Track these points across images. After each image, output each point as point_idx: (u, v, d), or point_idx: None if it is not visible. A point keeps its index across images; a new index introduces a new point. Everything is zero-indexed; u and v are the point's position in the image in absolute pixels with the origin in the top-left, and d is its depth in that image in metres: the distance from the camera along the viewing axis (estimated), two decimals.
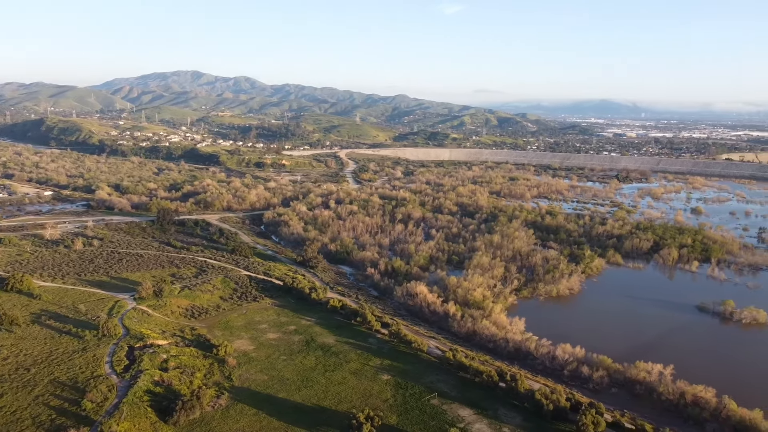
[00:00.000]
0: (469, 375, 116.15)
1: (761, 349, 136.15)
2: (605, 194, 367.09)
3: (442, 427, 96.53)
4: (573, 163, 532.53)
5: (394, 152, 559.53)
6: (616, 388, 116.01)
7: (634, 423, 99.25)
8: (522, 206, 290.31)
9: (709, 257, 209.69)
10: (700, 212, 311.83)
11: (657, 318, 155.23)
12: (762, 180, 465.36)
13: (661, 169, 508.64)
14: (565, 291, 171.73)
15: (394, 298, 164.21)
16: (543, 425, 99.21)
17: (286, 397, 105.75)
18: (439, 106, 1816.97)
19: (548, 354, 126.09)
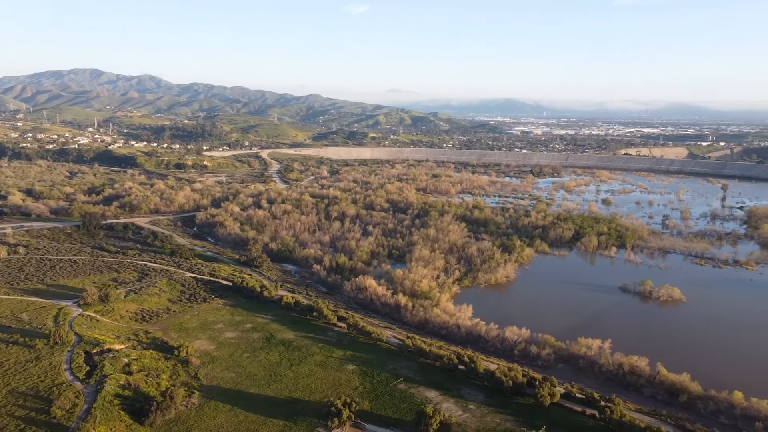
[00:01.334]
0: (429, 360, 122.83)
1: (679, 322, 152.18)
2: (523, 188, 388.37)
3: (414, 409, 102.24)
4: (489, 160, 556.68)
5: (317, 152, 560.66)
6: (562, 363, 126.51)
7: (583, 392, 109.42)
8: (450, 202, 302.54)
9: (624, 243, 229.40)
10: (609, 203, 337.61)
11: (587, 299, 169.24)
12: (659, 172, 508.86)
13: (570, 164, 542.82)
14: (502, 279, 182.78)
15: (343, 293, 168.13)
16: (504, 400, 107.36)
17: (258, 392, 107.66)
18: (352, 105, 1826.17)
19: (498, 337, 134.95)
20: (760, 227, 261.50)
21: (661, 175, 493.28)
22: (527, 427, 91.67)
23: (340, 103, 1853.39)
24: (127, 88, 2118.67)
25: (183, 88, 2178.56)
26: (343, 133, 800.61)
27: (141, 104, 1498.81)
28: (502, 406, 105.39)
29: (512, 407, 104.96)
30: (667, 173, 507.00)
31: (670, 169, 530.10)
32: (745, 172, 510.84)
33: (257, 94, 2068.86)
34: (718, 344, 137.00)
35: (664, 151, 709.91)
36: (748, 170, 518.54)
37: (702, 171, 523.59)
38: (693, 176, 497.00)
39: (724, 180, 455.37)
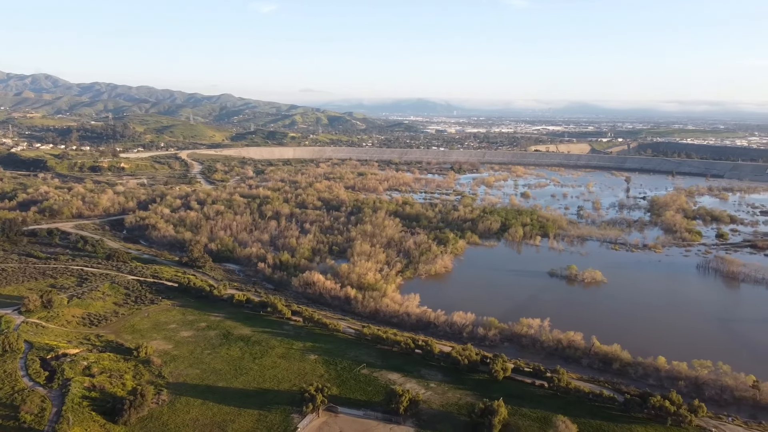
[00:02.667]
0: (386, 346, 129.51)
1: (604, 300, 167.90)
2: (447, 184, 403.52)
3: (379, 391, 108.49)
4: (411, 158, 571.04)
5: (238, 152, 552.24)
6: (507, 342, 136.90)
7: (530, 366, 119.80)
8: (381, 198, 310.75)
9: (547, 233, 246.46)
10: (528, 196, 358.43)
11: (521, 284, 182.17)
12: (568, 167, 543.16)
13: (487, 161, 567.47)
14: (441, 269, 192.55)
15: (291, 289, 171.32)
16: (461, 377, 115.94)
17: (226, 386, 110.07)
18: (266, 105, 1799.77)
19: (447, 322, 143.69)
20: (662, 214, 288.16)
21: (570, 169, 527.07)
22: (486, 399, 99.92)
23: (253, 103, 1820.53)
24: (21, 87, 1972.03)
25: (84, 87, 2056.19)
26: (262, 133, 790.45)
27: (39, 104, 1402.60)
28: (460, 382, 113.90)
29: (469, 383, 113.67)
30: (575, 167, 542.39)
31: (578, 164, 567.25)
32: (643, 165, 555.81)
33: (165, 94, 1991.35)
34: (640, 317, 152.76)
35: (570, 147, 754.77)
36: (646, 164, 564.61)
37: (606, 165, 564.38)
38: (598, 170, 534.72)
39: (626, 173, 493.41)
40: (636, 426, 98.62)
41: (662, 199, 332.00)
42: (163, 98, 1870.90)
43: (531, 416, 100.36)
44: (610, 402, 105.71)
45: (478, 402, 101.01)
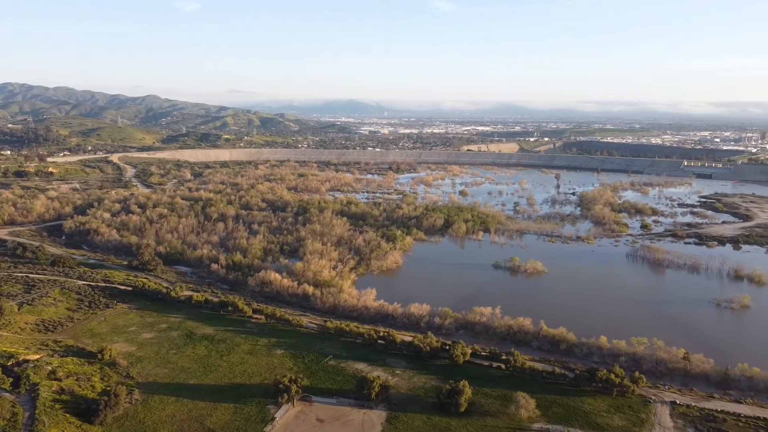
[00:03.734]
0: (350, 338, 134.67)
1: (546, 288, 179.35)
2: (387, 184, 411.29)
3: (348, 380, 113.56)
4: (349, 159, 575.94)
5: (172, 155, 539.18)
6: (462, 330, 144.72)
7: (487, 350, 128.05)
8: (325, 199, 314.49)
9: (488, 228, 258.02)
10: (466, 194, 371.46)
11: (469, 276, 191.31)
12: (501, 166, 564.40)
13: (423, 161, 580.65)
14: (392, 265, 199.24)
15: (248, 288, 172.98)
16: (424, 364, 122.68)
17: (198, 383, 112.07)
18: (194, 107, 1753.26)
19: (404, 313, 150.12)
20: (591, 208, 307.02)
21: (502, 167, 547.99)
22: (452, 381, 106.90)
23: (180, 105, 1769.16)
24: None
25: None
26: (195, 136, 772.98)
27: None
28: (424, 368, 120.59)
29: (432, 368, 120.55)
30: (507, 166, 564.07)
31: (510, 163, 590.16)
32: (570, 163, 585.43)
33: (86, 95, 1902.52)
34: (581, 302, 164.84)
35: (500, 146, 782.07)
36: (573, 161, 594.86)
37: (536, 163, 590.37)
38: (529, 168, 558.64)
39: (555, 170, 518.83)
40: (586, 398, 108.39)
41: (590, 194, 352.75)
42: (84, 100, 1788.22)
43: (492, 395, 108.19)
44: (562, 378, 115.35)
45: (442, 385, 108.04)
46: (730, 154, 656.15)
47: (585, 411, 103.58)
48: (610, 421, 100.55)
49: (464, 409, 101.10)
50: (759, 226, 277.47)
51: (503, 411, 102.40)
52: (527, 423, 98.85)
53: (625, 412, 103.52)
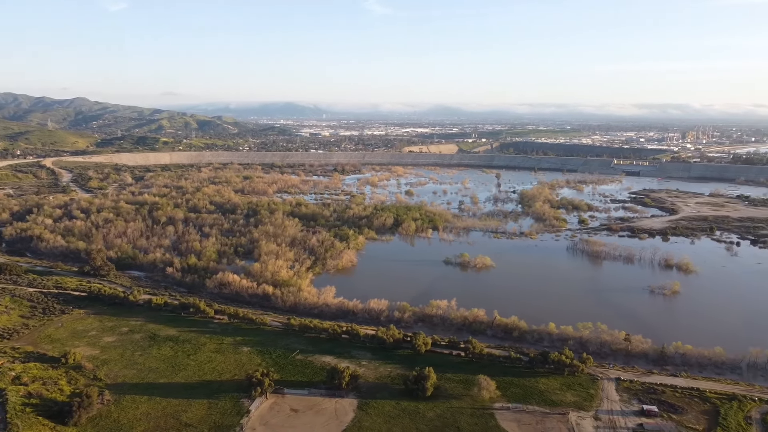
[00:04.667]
0: (314, 334, 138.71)
1: (496, 281, 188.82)
2: (334, 185, 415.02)
3: (317, 372, 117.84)
4: (293, 161, 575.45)
5: (109, 158, 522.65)
6: (420, 323, 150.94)
7: (446, 340, 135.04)
8: (274, 200, 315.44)
9: (436, 226, 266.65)
10: (412, 194, 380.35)
11: (422, 272, 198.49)
12: (443, 166, 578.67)
13: (367, 162, 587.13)
14: (347, 263, 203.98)
15: (206, 290, 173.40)
16: (388, 354, 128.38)
17: (168, 382, 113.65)
18: (127, 109, 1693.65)
19: (364, 309, 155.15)
20: (531, 206, 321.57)
21: (444, 168, 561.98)
22: (418, 368, 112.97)
23: (112, 107, 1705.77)
24: None
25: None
26: (131, 139, 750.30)
27: None
28: (388, 359, 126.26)
29: (396, 358, 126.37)
30: (449, 166, 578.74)
31: (451, 163, 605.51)
32: (509, 162, 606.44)
33: (8, 98, 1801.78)
34: (529, 293, 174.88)
35: (440, 147, 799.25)
36: (511, 161, 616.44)
37: (476, 163, 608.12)
38: (470, 168, 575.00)
39: (495, 170, 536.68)
40: (541, 378, 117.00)
41: (530, 192, 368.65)
42: (6, 102, 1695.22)
43: (455, 379, 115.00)
44: (518, 362, 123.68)
45: (407, 373, 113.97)
46: (655, 153, 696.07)
47: (540, 390, 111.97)
48: (564, 397, 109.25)
49: (430, 393, 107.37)
50: (684, 219, 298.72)
51: (466, 393, 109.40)
52: (489, 403, 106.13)
53: (576, 389, 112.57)
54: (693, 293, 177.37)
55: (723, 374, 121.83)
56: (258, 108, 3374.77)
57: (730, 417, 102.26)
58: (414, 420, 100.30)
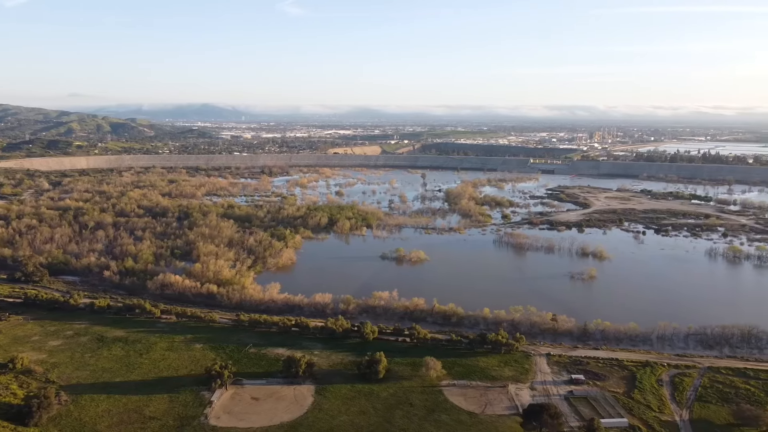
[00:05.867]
0: (264, 328, 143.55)
1: (432, 272, 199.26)
2: (264, 187, 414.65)
3: (272, 363, 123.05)
4: (218, 164, 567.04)
5: (19, 164, 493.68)
6: (364, 313, 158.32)
7: (391, 328, 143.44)
8: (205, 203, 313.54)
9: (370, 224, 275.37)
10: (342, 194, 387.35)
11: (361, 267, 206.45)
12: (369, 167, 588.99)
13: (294, 164, 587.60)
14: (287, 261, 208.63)
15: (148, 292, 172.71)
16: (338, 344, 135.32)
17: (124, 380, 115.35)
18: (30, 111, 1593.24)
19: (310, 303, 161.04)
20: (458, 203, 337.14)
21: (371, 169, 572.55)
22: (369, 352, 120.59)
23: (13, 110, 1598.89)
24: None
25: None
26: (41, 143, 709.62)
27: None
28: (339, 347, 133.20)
29: (346, 347, 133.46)
30: (375, 167, 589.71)
31: (377, 164, 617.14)
32: (432, 163, 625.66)
33: None
34: (463, 282, 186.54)
35: (364, 149, 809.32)
36: (434, 162, 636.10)
37: (401, 164, 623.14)
38: (395, 169, 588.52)
39: (420, 170, 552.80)
40: (480, 357, 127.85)
41: (455, 191, 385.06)
42: None
43: (404, 362, 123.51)
44: (459, 344, 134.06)
45: (359, 359, 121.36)
46: (566, 152, 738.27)
47: (481, 367, 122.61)
48: (502, 373, 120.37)
49: (383, 375, 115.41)
50: (596, 212, 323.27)
51: (415, 374, 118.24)
52: (437, 381, 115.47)
53: (512, 365, 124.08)
54: (608, 277, 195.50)
55: (637, 345, 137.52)
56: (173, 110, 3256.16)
57: (644, 380, 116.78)
58: (370, 400, 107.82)
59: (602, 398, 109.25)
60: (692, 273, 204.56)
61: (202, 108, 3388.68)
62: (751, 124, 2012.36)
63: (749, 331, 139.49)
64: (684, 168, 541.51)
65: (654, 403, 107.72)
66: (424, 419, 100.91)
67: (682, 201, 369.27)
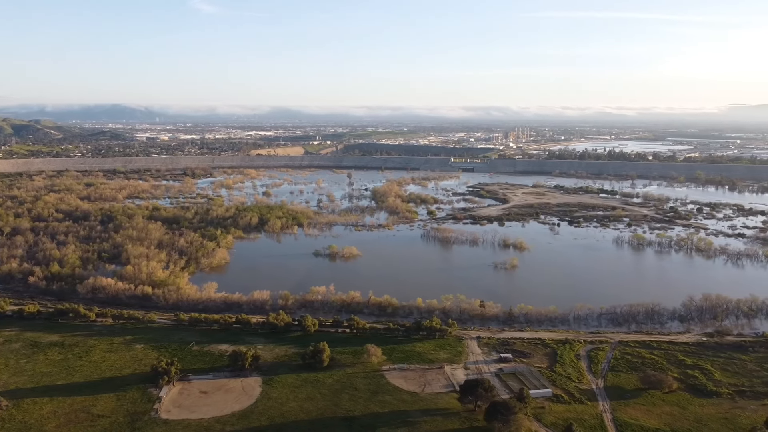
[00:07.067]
0: (206, 326, 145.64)
1: (366, 267, 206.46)
2: (188, 189, 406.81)
3: (217, 359, 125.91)
4: (137, 166, 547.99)
5: None
6: (303, 308, 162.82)
7: (330, 320, 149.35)
8: (129, 206, 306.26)
9: (301, 223, 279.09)
10: (270, 194, 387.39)
11: (296, 264, 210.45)
12: (294, 167, 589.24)
13: (218, 165, 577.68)
14: (221, 261, 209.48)
15: (78, 296, 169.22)
16: (280, 337, 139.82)
17: (66, 383, 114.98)
18: None
19: (248, 300, 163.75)
20: (385, 201, 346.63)
21: (296, 169, 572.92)
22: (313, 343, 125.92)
23: None
24: None
25: None
26: None
27: None
28: (281, 341, 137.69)
29: (288, 340, 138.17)
30: (300, 168, 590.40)
31: (302, 165, 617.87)
32: (357, 163, 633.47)
33: None
34: (396, 275, 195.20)
35: (287, 150, 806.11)
36: (359, 162, 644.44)
37: (327, 164, 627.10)
38: (321, 169, 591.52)
39: (345, 170, 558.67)
40: (417, 343, 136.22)
41: (381, 189, 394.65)
42: None
43: (345, 351, 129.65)
44: (397, 332, 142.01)
45: (302, 350, 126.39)
46: (484, 151, 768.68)
47: (418, 352, 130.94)
48: (438, 356, 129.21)
49: (326, 364, 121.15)
50: (514, 207, 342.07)
51: (357, 361, 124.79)
52: (378, 366, 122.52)
53: (447, 349, 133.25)
54: (528, 266, 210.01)
55: (556, 326, 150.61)
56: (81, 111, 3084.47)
57: (564, 356, 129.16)
58: (316, 387, 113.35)
59: (528, 373, 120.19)
60: (602, 259, 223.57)
61: (112, 109, 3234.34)
62: (649, 124, 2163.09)
63: (653, 309, 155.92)
64: (592, 165, 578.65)
65: (573, 375, 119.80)
66: (368, 401, 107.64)
67: (592, 195, 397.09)
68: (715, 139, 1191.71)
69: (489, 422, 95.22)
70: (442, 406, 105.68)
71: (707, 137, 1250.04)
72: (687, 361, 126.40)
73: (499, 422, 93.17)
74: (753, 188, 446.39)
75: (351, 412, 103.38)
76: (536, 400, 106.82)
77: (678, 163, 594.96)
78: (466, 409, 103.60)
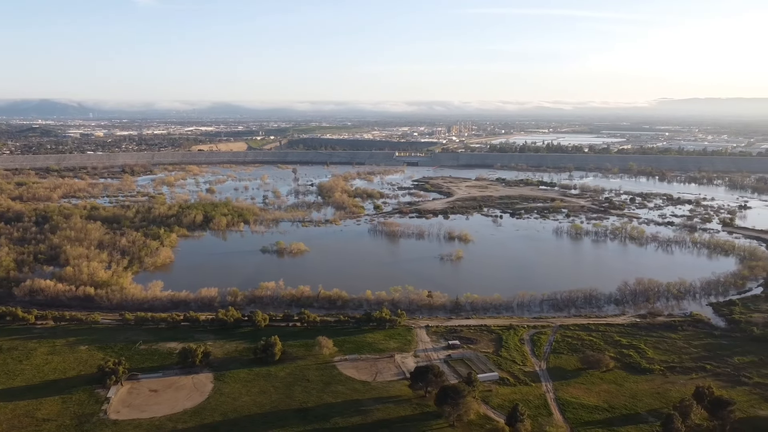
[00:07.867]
0: (153, 325, 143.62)
1: (313, 262, 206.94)
2: (127, 187, 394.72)
3: (165, 357, 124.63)
4: (72, 164, 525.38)
5: None
6: (252, 303, 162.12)
7: (280, 315, 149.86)
8: (65, 205, 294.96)
9: (247, 219, 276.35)
10: (213, 191, 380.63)
11: (242, 261, 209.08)
12: (237, 163, 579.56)
13: (158, 162, 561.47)
14: (166, 260, 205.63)
15: (15, 299, 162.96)
16: (230, 333, 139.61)
17: (7, 388, 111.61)
18: None
19: (196, 298, 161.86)
20: (331, 196, 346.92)
21: (240, 165, 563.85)
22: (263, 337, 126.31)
23: None
24: None
25: None
26: None
27: None
28: (232, 337, 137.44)
29: (239, 336, 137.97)
30: (244, 164, 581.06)
31: (246, 160, 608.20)
32: (302, 158, 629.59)
33: None
34: (345, 268, 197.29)
35: (230, 146, 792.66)
36: (304, 157, 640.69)
37: (270, 160, 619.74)
38: (265, 164, 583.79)
39: (290, 165, 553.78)
40: (368, 334, 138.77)
41: (327, 184, 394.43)
42: None
43: (297, 345, 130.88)
44: (347, 323, 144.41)
45: (253, 346, 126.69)
46: (428, 145, 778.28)
47: (369, 342, 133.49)
48: (388, 345, 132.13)
49: (278, 357, 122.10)
50: (458, 200, 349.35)
51: (309, 353, 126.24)
52: (330, 358, 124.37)
53: (396, 338, 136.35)
54: (473, 257, 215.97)
55: (501, 313, 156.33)
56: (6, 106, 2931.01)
57: (509, 340, 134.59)
58: (268, 380, 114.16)
59: (476, 358, 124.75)
60: (543, 249, 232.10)
61: (41, 104, 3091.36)
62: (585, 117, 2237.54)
63: (590, 294, 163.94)
64: (532, 158, 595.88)
65: (518, 358, 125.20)
66: (321, 391, 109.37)
67: (532, 187, 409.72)
68: (646, 131, 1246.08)
69: (439, 407, 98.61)
70: (394, 394, 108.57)
71: (639, 130, 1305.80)
72: (622, 342, 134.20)
73: (449, 406, 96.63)
74: (681, 178, 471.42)
75: (305, 404, 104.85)
76: (484, 383, 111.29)
77: (612, 155, 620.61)
78: (417, 395, 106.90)
